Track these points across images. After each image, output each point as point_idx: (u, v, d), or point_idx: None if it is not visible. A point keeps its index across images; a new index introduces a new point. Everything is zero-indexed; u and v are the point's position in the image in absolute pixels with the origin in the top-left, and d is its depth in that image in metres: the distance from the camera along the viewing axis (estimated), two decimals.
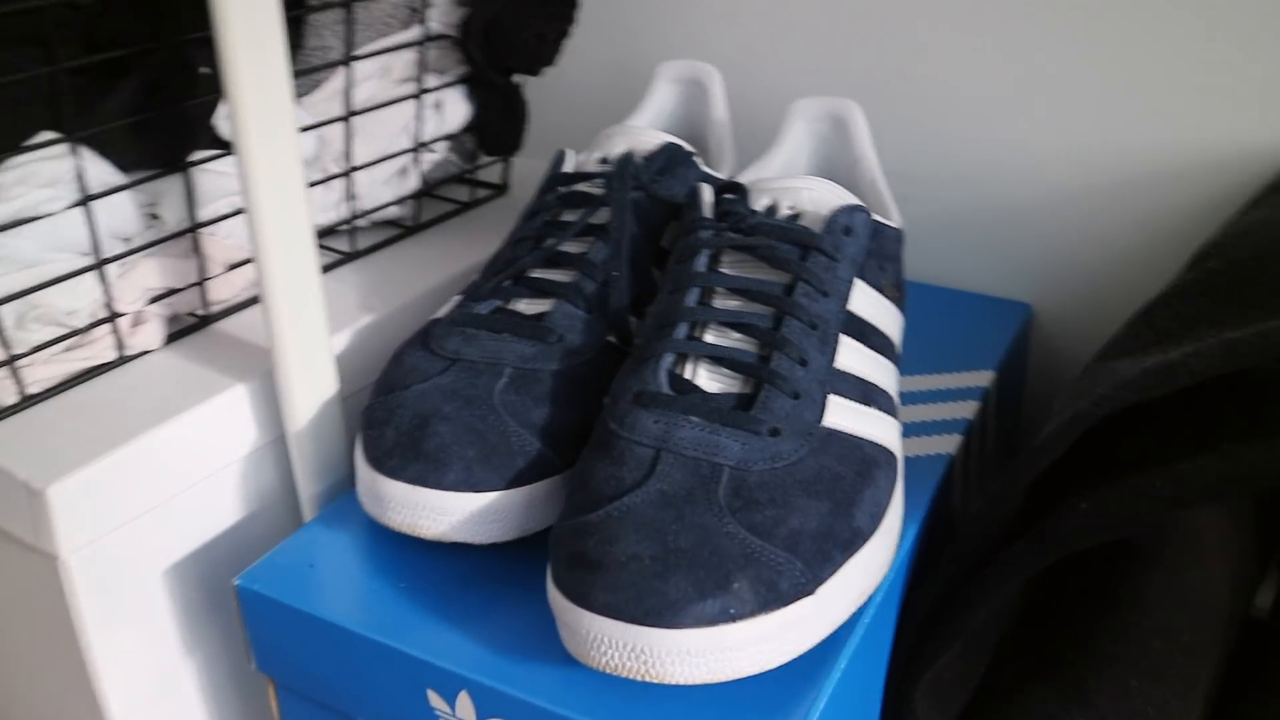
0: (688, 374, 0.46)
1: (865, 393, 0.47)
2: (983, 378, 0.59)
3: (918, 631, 0.50)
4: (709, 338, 0.47)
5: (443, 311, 0.54)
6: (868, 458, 0.45)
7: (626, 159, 0.54)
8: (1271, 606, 0.56)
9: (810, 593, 0.41)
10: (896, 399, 0.50)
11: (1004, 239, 0.66)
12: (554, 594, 0.41)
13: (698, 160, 0.57)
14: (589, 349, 0.51)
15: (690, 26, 0.72)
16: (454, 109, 0.66)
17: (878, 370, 0.49)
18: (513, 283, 0.53)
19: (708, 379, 0.46)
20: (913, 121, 0.67)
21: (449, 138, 0.68)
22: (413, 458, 0.46)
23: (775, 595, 0.39)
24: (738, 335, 0.47)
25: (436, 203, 0.71)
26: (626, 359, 0.48)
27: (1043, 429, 0.49)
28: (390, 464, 0.46)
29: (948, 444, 0.54)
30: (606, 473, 0.43)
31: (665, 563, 0.39)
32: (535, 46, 0.64)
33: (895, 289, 0.53)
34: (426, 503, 0.46)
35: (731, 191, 0.51)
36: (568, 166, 0.57)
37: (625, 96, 0.77)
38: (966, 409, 0.56)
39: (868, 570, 0.44)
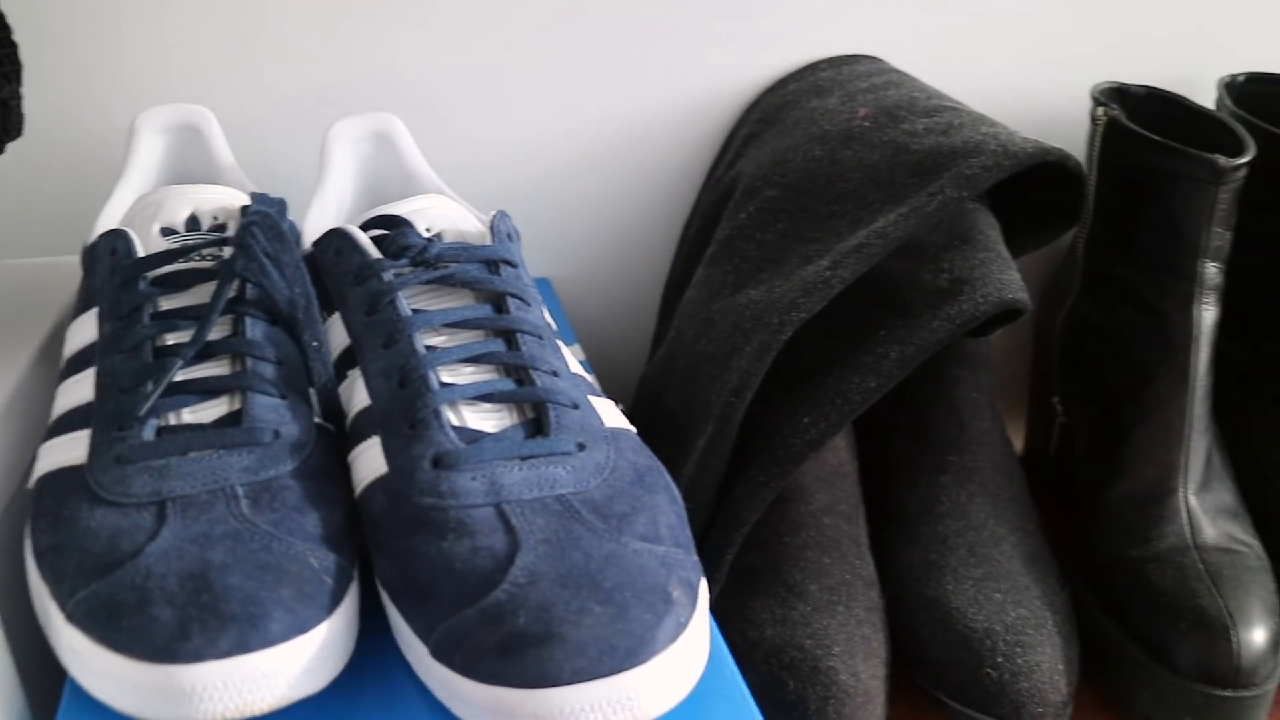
0: (458, 423, 0.44)
1: (594, 388, 0.49)
2: (578, 352, 0.62)
3: None
4: (455, 380, 0.45)
5: (52, 465, 0.44)
6: (642, 445, 0.47)
7: (249, 219, 0.48)
8: None
9: (702, 574, 0.43)
10: None
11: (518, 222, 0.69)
12: (486, 692, 0.38)
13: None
14: (309, 435, 0.45)
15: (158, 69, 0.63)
16: None
17: (580, 366, 0.51)
18: (164, 394, 0.45)
19: (481, 420, 0.45)
20: None
21: None
22: (218, 626, 0.38)
23: (694, 591, 0.41)
24: (476, 368, 0.46)
25: None
26: (368, 428, 0.45)
27: (698, 373, 0.55)
28: (190, 646, 0.38)
29: None
30: (462, 549, 0.40)
31: (615, 603, 0.39)
32: None
33: None
34: (255, 670, 0.39)
35: (385, 226, 0.49)
36: (145, 249, 0.49)
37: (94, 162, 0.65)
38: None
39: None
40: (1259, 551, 0.62)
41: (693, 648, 0.40)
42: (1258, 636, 0.57)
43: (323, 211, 0.55)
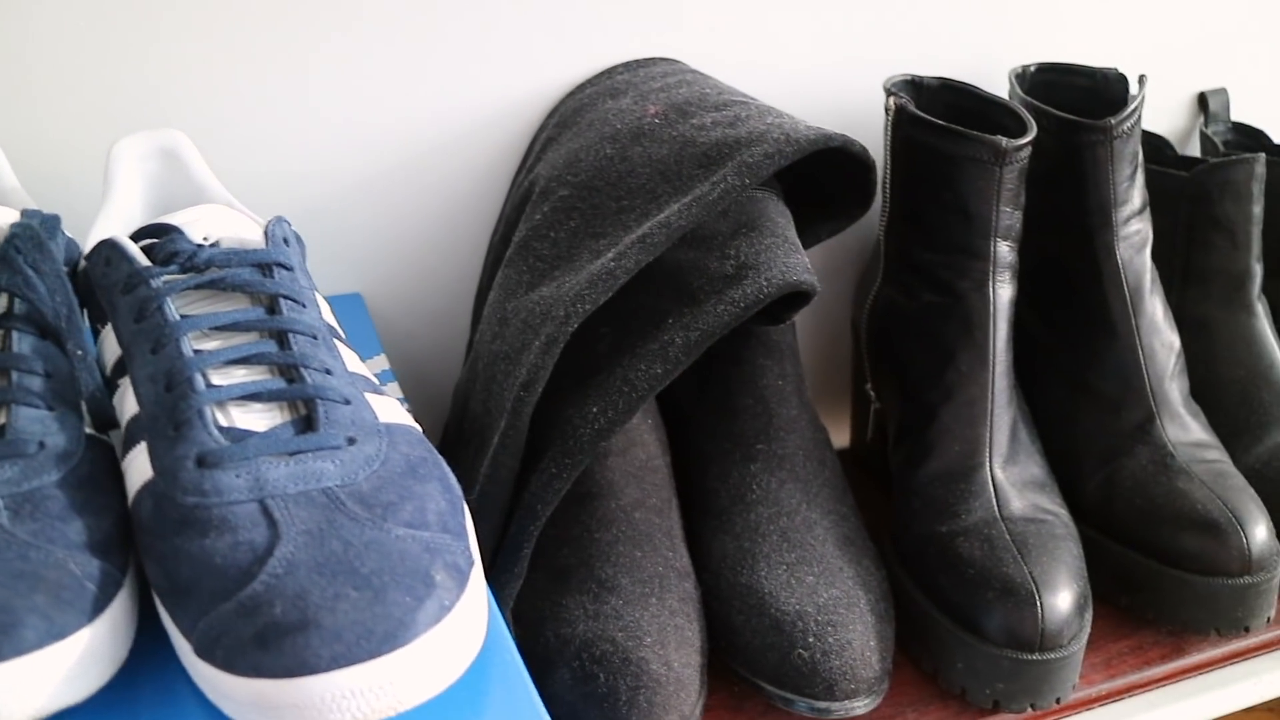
0: (225, 423, 0.45)
1: (375, 386, 0.50)
2: (382, 362, 0.63)
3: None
4: (223, 381, 0.46)
5: None
6: (423, 438, 0.49)
7: (11, 234, 0.48)
8: None
9: (474, 561, 0.44)
10: None
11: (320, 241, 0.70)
12: (247, 686, 0.39)
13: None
14: (77, 445, 0.46)
15: None
16: None
17: (363, 366, 0.52)
18: None
19: (250, 420, 0.45)
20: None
21: None
22: None
23: (462, 574, 0.42)
24: (249, 369, 0.47)
25: None
26: (136, 434, 0.45)
27: (494, 372, 0.57)
28: None
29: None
30: (223, 544, 0.41)
31: (372, 587, 0.40)
32: None
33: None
34: (8, 679, 0.39)
35: (153, 235, 0.49)
36: None
37: None
38: (395, 390, 0.61)
39: (472, 528, 0.48)
40: (1065, 519, 0.65)
41: (459, 631, 0.41)
42: (1062, 601, 0.59)
43: (108, 230, 0.55)
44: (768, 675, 0.59)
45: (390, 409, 0.49)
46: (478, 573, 0.44)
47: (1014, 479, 0.65)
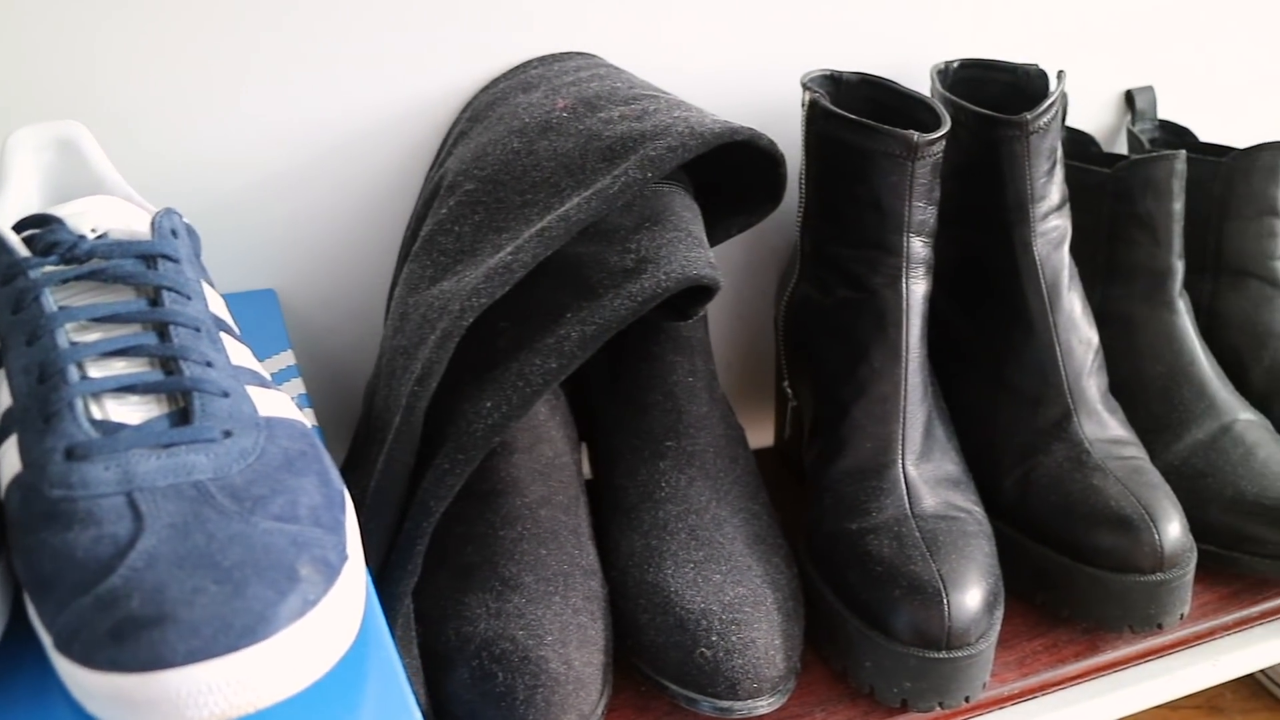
0: (99, 416, 0.44)
1: (263, 380, 0.50)
2: (287, 358, 0.63)
3: (377, 574, 0.55)
4: (99, 373, 0.46)
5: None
6: (306, 432, 0.48)
7: None
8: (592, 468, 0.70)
9: (348, 557, 0.43)
10: None
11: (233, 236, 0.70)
12: (104, 680, 0.39)
13: None
14: None
15: None
16: None
17: (254, 360, 0.51)
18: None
19: (126, 412, 0.45)
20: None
21: None
22: None
23: (332, 569, 0.42)
24: (128, 361, 0.46)
25: None
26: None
27: (394, 366, 0.56)
28: None
29: (308, 417, 0.58)
30: (85, 538, 0.41)
31: (233, 581, 0.39)
32: None
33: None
34: None
35: (36, 225, 0.49)
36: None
37: None
38: (298, 386, 0.61)
39: (355, 523, 0.47)
40: (979, 517, 0.65)
41: (325, 627, 0.40)
42: (970, 599, 0.59)
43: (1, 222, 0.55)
44: (671, 674, 0.58)
45: (276, 403, 0.48)
46: (353, 568, 0.44)
47: (927, 476, 0.65)
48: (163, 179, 0.67)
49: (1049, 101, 0.68)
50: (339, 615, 0.42)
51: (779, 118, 0.79)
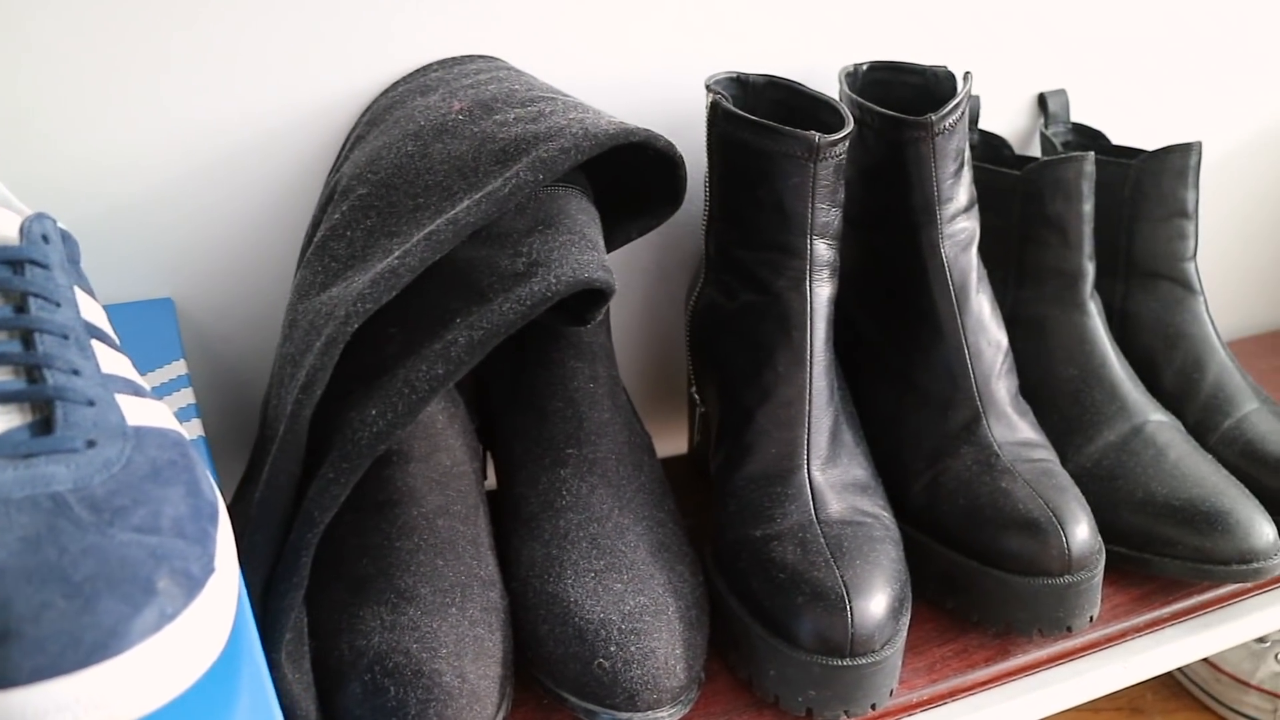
0: None
1: (137, 389, 0.49)
2: (180, 368, 0.62)
3: (263, 586, 0.53)
4: None
5: None
6: (179, 442, 0.47)
7: None
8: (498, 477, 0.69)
9: (214, 569, 0.42)
10: None
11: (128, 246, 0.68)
12: None
13: None
14: None
15: None
16: None
17: (130, 369, 0.50)
18: None
19: None
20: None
21: None
22: None
23: (194, 582, 0.41)
24: None
25: None
26: None
27: (283, 375, 0.55)
28: None
29: (194, 428, 0.57)
30: None
31: (83, 595, 0.38)
32: None
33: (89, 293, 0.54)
34: None
35: None
36: None
37: None
38: (187, 396, 0.59)
39: (228, 535, 0.46)
40: (887, 522, 0.64)
41: (184, 642, 0.39)
42: (875, 605, 0.59)
43: None
44: (570, 686, 0.57)
45: (148, 412, 0.47)
46: (220, 581, 0.42)
47: (834, 481, 0.65)
48: (54, 184, 0.66)
49: (954, 102, 0.68)
50: (201, 629, 0.41)
51: (689, 123, 0.78)
